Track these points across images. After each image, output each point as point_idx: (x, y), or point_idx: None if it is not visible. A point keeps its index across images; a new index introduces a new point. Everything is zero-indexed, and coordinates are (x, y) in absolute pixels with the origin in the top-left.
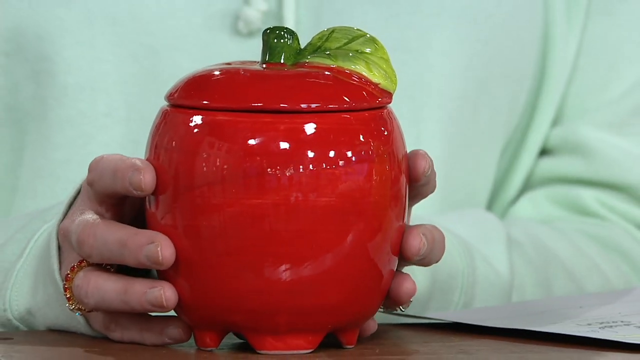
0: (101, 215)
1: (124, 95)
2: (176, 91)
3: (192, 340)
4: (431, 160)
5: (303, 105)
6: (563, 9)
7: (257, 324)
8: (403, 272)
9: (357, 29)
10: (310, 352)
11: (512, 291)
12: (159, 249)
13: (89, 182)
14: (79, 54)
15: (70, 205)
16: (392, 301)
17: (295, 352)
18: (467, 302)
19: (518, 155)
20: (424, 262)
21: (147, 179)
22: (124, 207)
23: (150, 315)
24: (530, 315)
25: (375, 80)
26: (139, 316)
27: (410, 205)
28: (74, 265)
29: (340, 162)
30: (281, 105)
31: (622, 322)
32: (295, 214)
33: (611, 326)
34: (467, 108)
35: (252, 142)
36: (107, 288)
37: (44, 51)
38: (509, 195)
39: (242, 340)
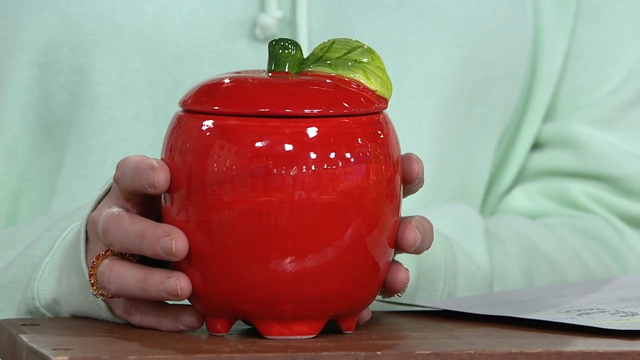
0: (127, 211)
1: (152, 101)
2: (189, 98)
3: (204, 326)
4: (422, 163)
5: (306, 111)
6: (552, 16)
7: (264, 311)
8: (397, 263)
9: (355, 41)
10: (312, 337)
11: (493, 281)
12: (173, 241)
13: (115, 180)
14: (110, 64)
15: (100, 201)
16: (388, 290)
17: (299, 337)
18: (450, 292)
19: (511, 150)
20: (417, 251)
21: (160, 177)
22: (149, 205)
23: (167, 303)
24: (515, 303)
25: (372, 87)
26: (157, 303)
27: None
28: (99, 254)
29: (340, 163)
30: (286, 110)
31: (597, 309)
32: (299, 210)
33: (588, 313)
34: (463, 106)
35: (259, 144)
36: (128, 276)
37: (78, 63)
38: (503, 187)
39: (249, 327)
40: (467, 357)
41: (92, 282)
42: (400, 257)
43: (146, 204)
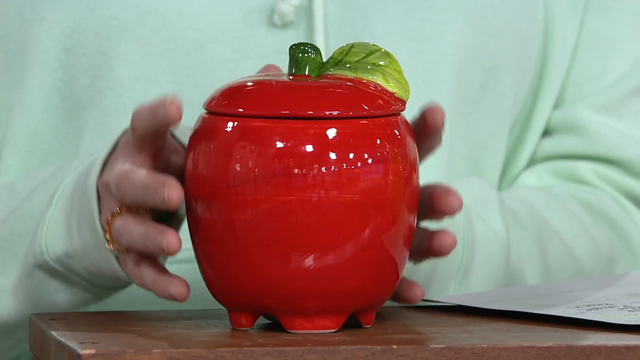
0: (138, 166)
1: (173, 85)
2: (213, 100)
3: (227, 321)
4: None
5: (327, 112)
6: (562, 8)
7: (287, 306)
8: (442, 229)
9: (373, 44)
10: (333, 332)
11: (510, 252)
12: (166, 191)
13: (132, 128)
14: (133, 48)
15: (105, 163)
16: (435, 252)
17: (321, 331)
18: (469, 258)
19: (523, 137)
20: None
21: (176, 108)
22: (160, 158)
23: (164, 273)
24: (526, 298)
25: (391, 89)
26: (155, 272)
27: (422, 160)
28: (114, 211)
29: (360, 163)
30: (307, 112)
31: (606, 304)
32: (320, 209)
33: (597, 308)
34: (474, 92)
35: (281, 145)
36: (135, 231)
37: (102, 47)
38: (516, 172)
39: (270, 321)
40: (480, 351)
41: (107, 238)
42: None
43: (157, 157)
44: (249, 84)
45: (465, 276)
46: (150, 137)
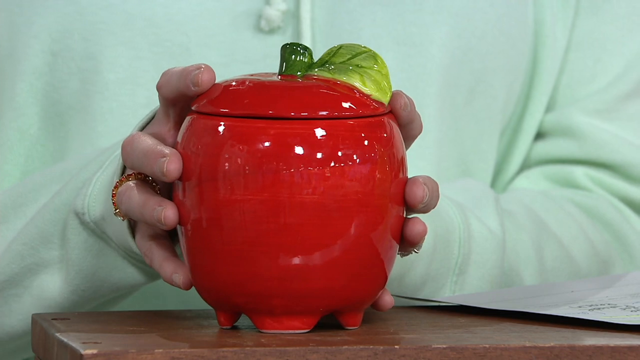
0: (164, 133)
1: None
2: (200, 100)
3: (215, 320)
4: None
5: (312, 113)
6: (553, 10)
7: (255, 306)
8: (413, 217)
9: (363, 46)
10: (308, 331)
11: (506, 252)
12: (165, 163)
13: (157, 87)
14: (121, 53)
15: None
16: (407, 243)
17: (292, 331)
18: (465, 255)
19: (515, 140)
20: (425, 208)
21: (205, 77)
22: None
23: (175, 258)
24: (528, 299)
25: (367, 91)
26: (165, 255)
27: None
28: (123, 176)
29: (346, 162)
30: (292, 113)
31: (609, 304)
32: (306, 208)
33: (599, 308)
34: (463, 95)
35: (267, 145)
36: (134, 199)
37: (89, 51)
38: (508, 176)
39: None
40: (483, 351)
41: (113, 202)
42: None
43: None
44: (234, 83)
45: (461, 275)
46: (173, 101)
